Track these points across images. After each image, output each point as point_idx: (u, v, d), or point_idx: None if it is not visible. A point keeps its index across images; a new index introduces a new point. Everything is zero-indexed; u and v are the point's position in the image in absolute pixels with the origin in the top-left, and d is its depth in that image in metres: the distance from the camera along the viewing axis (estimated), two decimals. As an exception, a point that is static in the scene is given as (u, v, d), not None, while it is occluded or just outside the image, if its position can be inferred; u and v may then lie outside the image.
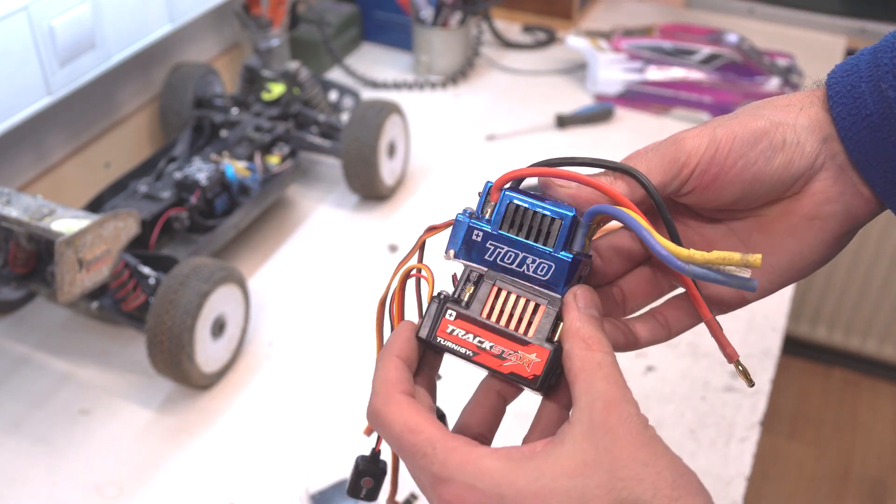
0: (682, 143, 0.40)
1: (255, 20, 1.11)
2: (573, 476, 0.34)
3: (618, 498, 0.33)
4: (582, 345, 0.37)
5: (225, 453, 0.78)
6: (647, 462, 0.34)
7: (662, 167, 0.40)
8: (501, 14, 1.52)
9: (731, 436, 0.81)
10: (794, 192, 0.41)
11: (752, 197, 0.41)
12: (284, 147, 1.06)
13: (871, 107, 0.38)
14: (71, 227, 0.75)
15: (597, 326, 0.38)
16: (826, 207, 0.41)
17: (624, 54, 1.29)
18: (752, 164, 0.40)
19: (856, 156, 0.40)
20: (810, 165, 0.40)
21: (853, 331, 1.98)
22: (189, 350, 0.78)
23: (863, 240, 1.83)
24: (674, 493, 0.34)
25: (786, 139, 0.40)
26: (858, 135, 0.39)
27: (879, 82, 0.38)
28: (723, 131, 0.40)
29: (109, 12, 0.92)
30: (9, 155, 0.94)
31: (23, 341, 0.89)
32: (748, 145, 0.40)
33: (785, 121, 0.40)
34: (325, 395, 0.84)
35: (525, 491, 0.34)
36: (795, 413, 2.02)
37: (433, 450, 0.36)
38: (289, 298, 0.95)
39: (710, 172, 0.40)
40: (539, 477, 0.34)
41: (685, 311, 0.45)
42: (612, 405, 0.35)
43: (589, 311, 0.39)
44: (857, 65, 0.40)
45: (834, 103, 0.40)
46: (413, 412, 0.38)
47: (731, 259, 0.35)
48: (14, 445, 0.78)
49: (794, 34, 1.50)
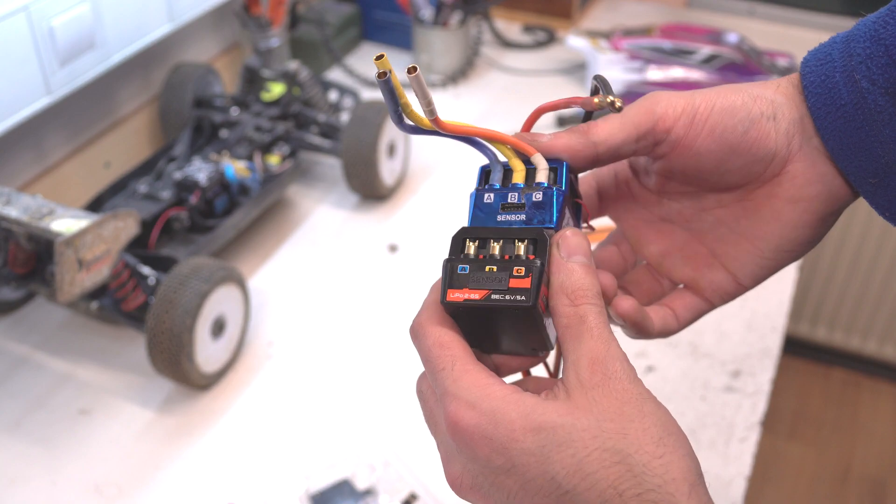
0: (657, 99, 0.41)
1: (255, 20, 1.11)
2: (563, 415, 0.35)
3: (602, 446, 0.34)
4: (565, 300, 0.37)
5: (225, 453, 0.78)
6: (632, 418, 0.34)
7: (637, 117, 0.41)
8: (501, 14, 1.52)
9: (731, 436, 0.81)
10: (774, 174, 0.42)
11: (728, 168, 0.42)
12: (284, 147, 1.06)
13: (846, 97, 0.39)
14: (71, 227, 0.75)
15: (582, 275, 0.38)
16: (808, 189, 0.42)
17: (624, 54, 1.29)
18: (730, 132, 0.40)
19: (831, 145, 0.40)
20: (786, 142, 0.41)
21: (853, 331, 1.98)
22: (189, 350, 0.78)
23: (863, 240, 1.83)
24: (657, 451, 0.34)
25: (763, 112, 0.41)
26: (833, 124, 0.39)
27: (853, 73, 0.38)
28: (702, 98, 0.41)
29: (109, 12, 0.92)
30: (9, 155, 0.94)
31: (23, 341, 0.89)
32: (726, 114, 0.40)
33: (763, 94, 0.41)
34: (326, 395, 0.84)
35: (517, 422, 0.35)
36: (795, 413, 2.02)
37: (452, 366, 0.37)
38: (289, 298, 0.95)
39: (688, 137, 0.41)
40: (531, 412, 0.35)
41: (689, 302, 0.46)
42: (596, 362, 0.36)
43: (574, 260, 0.38)
44: (829, 53, 0.40)
45: (809, 93, 0.40)
46: (447, 331, 0.39)
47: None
48: (14, 445, 0.78)
49: (794, 34, 1.50)
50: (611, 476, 0.33)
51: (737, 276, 0.45)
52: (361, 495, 0.73)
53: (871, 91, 0.38)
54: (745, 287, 0.45)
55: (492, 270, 0.38)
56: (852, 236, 1.83)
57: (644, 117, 0.41)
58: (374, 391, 0.84)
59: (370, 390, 0.84)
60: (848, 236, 1.84)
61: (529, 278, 0.37)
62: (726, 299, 0.46)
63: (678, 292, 0.46)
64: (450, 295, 0.38)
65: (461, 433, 0.36)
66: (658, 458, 0.33)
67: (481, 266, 0.38)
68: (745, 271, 0.44)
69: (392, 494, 0.74)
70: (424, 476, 0.75)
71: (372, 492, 0.74)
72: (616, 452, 0.33)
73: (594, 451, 0.33)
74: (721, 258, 0.45)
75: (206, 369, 0.81)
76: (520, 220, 0.40)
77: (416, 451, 0.77)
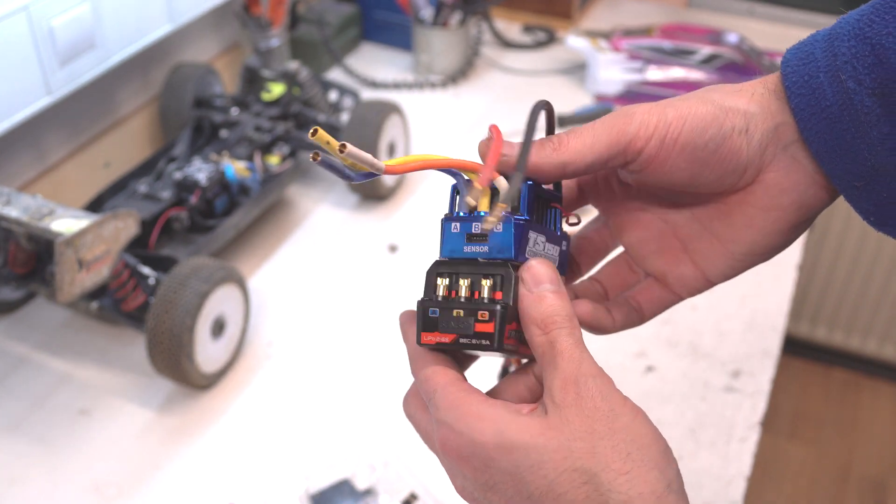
0: (631, 117, 0.40)
1: (255, 20, 1.11)
2: (535, 435, 0.36)
3: (571, 466, 0.35)
4: (536, 331, 0.38)
5: (225, 453, 0.78)
6: (602, 435, 0.35)
7: (609, 137, 0.40)
8: (501, 14, 1.52)
9: (731, 436, 0.81)
10: (747, 183, 0.42)
11: (701, 182, 0.41)
12: (284, 147, 1.06)
13: (830, 98, 0.38)
14: (71, 227, 0.75)
15: (550, 302, 0.38)
16: (781, 199, 0.41)
17: (624, 54, 1.29)
18: (701, 149, 0.40)
19: (815, 147, 0.39)
20: (759, 154, 0.40)
21: (853, 331, 1.98)
22: (189, 350, 0.78)
23: (863, 240, 1.83)
24: (624, 467, 0.35)
25: (735, 126, 0.40)
26: (817, 126, 0.38)
27: (838, 73, 0.37)
28: (674, 113, 0.40)
29: (109, 12, 0.92)
30: (8, 155, 0.94)
31: (23, 341, 0.89)
32: (697, 131, 0.40)
33: (735, 106, 0.40)
34: (325, 395, 0.84)
35: (490, 442, 0.37)
36: (795, 413, 2.02)
37: (433, 395, 0.39)
38: (289, 298, 0.95)
39: (660, 156, 0.40)
40: (505, 429, 0.36)
41: (657, 295, 0.47)
42: (567, 382, 0.37)
43: (542, 289, 0.39)
44: (811, 53, 0.39)
45: (792, 94, 0.39)
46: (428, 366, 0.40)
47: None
48: (14, 445, 0.78)
49: (794, 34, 1.50)
50: (580, 496, 0.35)
51: (706, 273, 0.45)
52: (361, 495, 0.73)
53: (857, 92, 0.36)
54: (712, 284, 0.46)
55: (459, 314, 0.39)
56: (852, 236, 1.83)
57: (616, 137, 0.40)
58: (374, 391, 0.84)
59: (370, 390, 0.84)
60: (848, 236, 1.84)
61: (493, 323, 0.38)
62: (693, 293, 0.46)
63: (646, 284, 0.47)
64: (423, 338, 0.40)
65: (448, 455, 0.38)
66: (624, 475, 0.35)
67: (450, 309, 0.40)
68: (714, 270, 0.45)
69: (392, 494, 0.74)
70: (424, 476, 0.75)
71: (372, 492, 0.74)
72: (584, 472, 0.35)
73: (564, 472, 0.35)
74: (692, 254, 0.45)
75: (206, 369, 0.81)
76: (484, 252, 0.40)
77: (416, 451, 0.77)
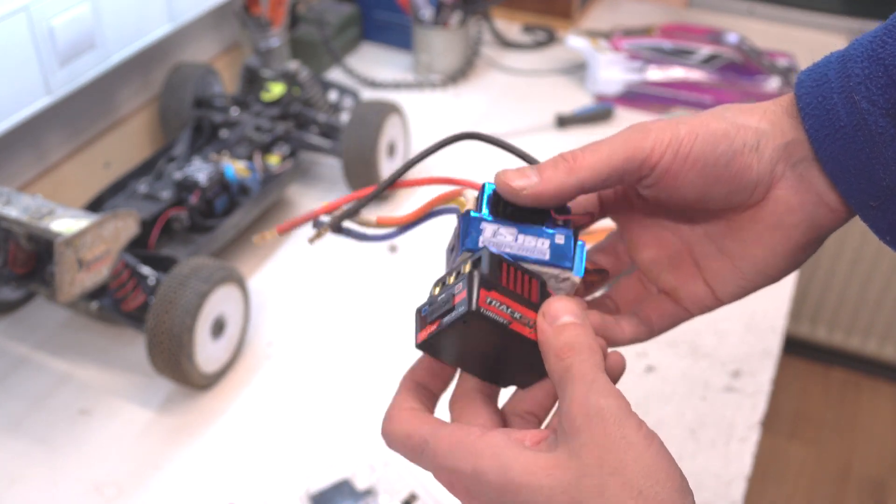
0: (647, 133, 0.40)
1: (255, 20, 1.11)
2: (541, 477, 0.35)
3: None
4: (554, 358, 0.38)
5: (225, 453, 0.78)
6: (613, 470, 0.34)
7: (626, 151, 0.40)
8: (501, 14, 1.52)
9: (731, 436, 0.81)
10: (758, 200, 0.42)
11: (712, 197, 0.42)
12: (284, 147, 1.06)
13: (845, 119, 0.38)
14: (70, 227, 0.75)
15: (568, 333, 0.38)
16: (788, 218, 0.41)
17: (624, 54, 1.29)
18: (712, 165, 0.40)
19: (830, 168, 0.39)
20: (769, 171, 0.41)
21: (853, 331, 1.98)
22: (189, 350, 0.78)
23: (863, 240, 1.83)
24: None
25: (746, 142, 0.40)
26: (832, 147, 0.39)
27: (852, 94, 0.37)
28: (686, 129, 0.40)
29: (109, 12, 0.92)
30: (8, 155, 0.94)
31: (23, 341, 0.89)
32: (709, 147, 0.40)
33: (747, 123, 0.40)
34: (325, 395, 0.84)
35: (494, 482, 0.36)
36: (795, 413, 2.02)
37: (427, 446, 0.39)
38: (288, 298, 0.95)
39: (672, 170, 0.40)
40: (509, 468, 0.36)
41: (668, 310, 0.46)
42: (578, 403, 0.36)
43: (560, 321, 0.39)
44: (825, 74, 0.39)
45: (805, 115, 0.39)
46: (407, 421, 0.40)
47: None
48: (14, 445, 0.78)
49: (794, 34, 1.50)
50: None
51: (716, 292, 0.45)
52: (361, 495, 0.73)
53: (871, 112, 0.37)
54: (722, 303, 0.45)
55: (442, 299, 0.40)
56: (852, 237, 1.83)
57: (633, 152, 0.40)
58: (374, 391, 0.84)
59: (370, 390, 0.84)
60: (848, 237, 1.84)
61: (462, 284, 0.39)
62: (703, 311, 0.46)
63: (658, 299, 0.47)
64: (419, 337, 0.41)
65: (457, 493, 0.38)
66: None
67: (434, 298, 0.41)
68: (724, 289, 0.45)
69: (392, 494, 0.74)
70: (424, 476, 0.75)
71: (372, 492, 0.74)
72: None
73: None
74: (703, 272, 0.45)
75: (205, 369, 0.81)
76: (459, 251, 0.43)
77: (416, 451, 0.77)
